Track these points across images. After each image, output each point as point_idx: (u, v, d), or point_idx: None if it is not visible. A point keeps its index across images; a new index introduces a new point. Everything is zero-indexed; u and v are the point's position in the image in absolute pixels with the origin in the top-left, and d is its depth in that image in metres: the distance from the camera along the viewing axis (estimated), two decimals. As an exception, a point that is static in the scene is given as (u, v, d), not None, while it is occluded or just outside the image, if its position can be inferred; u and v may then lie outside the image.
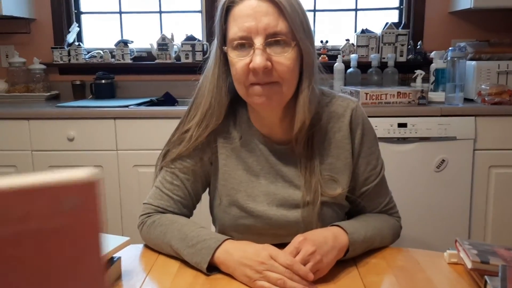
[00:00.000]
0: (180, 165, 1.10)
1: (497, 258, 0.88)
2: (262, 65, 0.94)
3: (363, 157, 1.11)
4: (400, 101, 2.27)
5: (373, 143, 1.13)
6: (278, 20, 0.95)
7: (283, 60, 0.96)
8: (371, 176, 1.12)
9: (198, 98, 1.08)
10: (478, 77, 2.40)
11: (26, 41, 2.92)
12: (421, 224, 2.28)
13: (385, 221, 1.12)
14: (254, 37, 0.95)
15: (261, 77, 0.96)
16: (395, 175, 2.22)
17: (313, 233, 0.96)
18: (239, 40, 0.96)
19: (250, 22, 0.94)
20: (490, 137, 2.23)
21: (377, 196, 1.14)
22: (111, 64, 2.87)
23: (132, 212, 2.38)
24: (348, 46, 2.82)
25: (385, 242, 1.09)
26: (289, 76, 0.97)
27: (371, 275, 0.94)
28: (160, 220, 1.06)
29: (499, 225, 2.30)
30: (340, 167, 1.08)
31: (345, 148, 1.08)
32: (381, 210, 1.15)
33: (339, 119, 1.09)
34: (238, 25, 0.96)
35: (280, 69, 0.96)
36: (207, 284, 0.90)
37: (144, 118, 2.31)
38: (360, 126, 1.09)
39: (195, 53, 2.83)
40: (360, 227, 1.03)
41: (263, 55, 0.94)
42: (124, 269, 0.95)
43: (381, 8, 2.96)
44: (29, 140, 2.34)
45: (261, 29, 0.94)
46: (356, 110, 1.10)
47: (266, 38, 0.94)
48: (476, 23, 2.81)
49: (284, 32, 0.95)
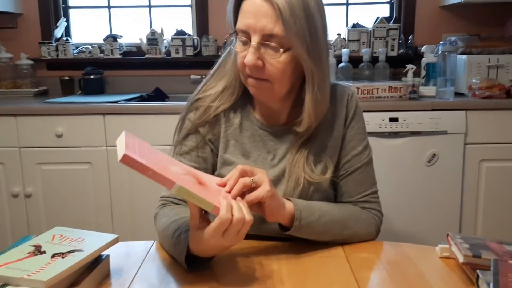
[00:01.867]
0: (188, 155, 1.13)
1: (489, 252, 0.88)
2: (251, 63, 0.99)
3: (349, 140, 1.14)
4: (391, 95, 2.27)
5: (361, 130, 1.16)
6: (275, 24, 0.97)
7: (274, 62, 1.00)
8: (353, 160, 1.14)
9: (220, 71, 1.14)
10: (468, 71, 2.41)
11: (13, 36, 2.88)
12: (412, 219, 2.29)
13: (354, 213, 1.10)
14: (252, 34, 0.99)
15: (253, 72, 1.02)
16: (387, 169, 2.23)
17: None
18: (240, 34, 1.01)
19: (250, 19, 0.98)
20: (481, 131, 2.24)
21: (356, 184, 1.14)
22: (100, 59, 2.85)
23: (122, 209, 2.36)
24: (340, 41, 2.81)
25: (353, 235, 1.07)
26: (279, 78, 1.02)
27: (363, 270, 0.94)
28: (164, 211, 1.10)
29: (490, 218, 2.31)
30: (330, 146, 1.12)
31: (338, 129, 1.13)
32: (357, 200, 1.13)
33: (336, 104, 1.14)
34: (242, 19, 1.00)
35: (270, 69, 1.00)
36: (197, 281, 0.89)
37: (134, 114, 2.29)
38: (352, 110, 1.15)
39: (186, 48, 2.81)
40: (317, 209, 1.03)
41: (255, 54, 0.99)
42: (112, 267, 0.93)
43: (372, 2, 2.95)
44: (17, 136, 2.31)
45: (258, 29, 0.98)
46: (352, 96, 1.16)
47: (261, 39, 0.98)
48: (467, 17, 2.81)
49: (279, 36, 0.97)
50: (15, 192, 2.34)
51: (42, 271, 0.76)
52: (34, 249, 0.84)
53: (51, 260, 0.80)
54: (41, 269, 0.77)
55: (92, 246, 0.86)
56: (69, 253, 0.83)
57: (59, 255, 0.82)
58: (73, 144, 2.31)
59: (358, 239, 1.08)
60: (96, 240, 0.89)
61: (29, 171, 2.34)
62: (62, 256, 0.82)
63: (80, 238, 0.89)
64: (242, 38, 1.02)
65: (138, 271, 0.93)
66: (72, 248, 0.85)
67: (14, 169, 2.34)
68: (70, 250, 0.84)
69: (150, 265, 0.97)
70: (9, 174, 2.34)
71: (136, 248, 1.06)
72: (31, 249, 0.84)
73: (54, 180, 2.34)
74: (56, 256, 0.82)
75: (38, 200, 2.36)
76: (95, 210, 2.36)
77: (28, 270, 0.76)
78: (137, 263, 0.97)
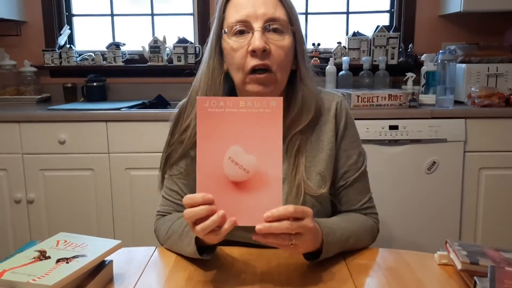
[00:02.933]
0: (177, 171, 1.13)
1: (487, 259, 0.89)
2: (262, 45, 0.97)
3: (344, 150, 1.13)
4: (391, 103, 2.28)
5: (355, 137, 1.15)
6: (276, 8, 1.00)
7: (280, 45, 1.00)
8: (351, 171, 1.13)
9: (193, 93, 1.11)
10: (468, 79, 2.42)
11: (16, 44, 2.91)
12: (411, 226, 2.29)
13: (363, 223, 1.11)
14: (253, 21, 0.99)
15: (260, 58, 0.99)
16: (387, 177, 2.24)
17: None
18: (238, 25, 1.01)
19: (249, 8, 1.00)
20: (480, 139, 2.25)
21: (357, 192, 1.14)
22: (102, 67, 2.86)
23: (124, 215, 2.37)
24: (340, 49, 2.83)
25: (360, 244, 1.08)
26: (283, 63, 1.02)
27: (361, 276, 0.94)
28: (163, 219, 1.13)
29: (489, 226, 2.31)
30: (324, 159, 1.10)
31: (330, 140, 1.11)
32: (360, 208, 1.15)
33: (325, 112, 1.12)
34: (238, 11, 1.01)
35: (276, 54, 1.00)
36: (199, 287, 0.90)
37: (136, 121, 2.30)
38: (343, 118, 1.13)
39: (187, 55, 2.83)
40: (337, 227, 1.02)
41: (262, 37, 0.98)
42: (115, 272, 0.94)
43: (373, 11, 2.97)
44: (20, 143, 2.32)
45: (260, 15, 0.99)
46: (341, 103, 1.14)
47: (265, 23, 0.99)
48: (466, 26, 2.83)
49: (282, 19, 1.00)
50: (17, 198, 2.36)
51: (48, 276, 0.78)
52: (39, 254, 0.85)
53: (56, 265, 0.81)
54: (46, 274, 0.78)
55: (95, 251, 0.88)
56: (73, 258, 0.84)
57: (64, 260, 0.83)
58: (76, 150, 2.32)
59: (363, 246, 1.09)
60: (100, 245, 0.90)
61: (32, 177, 2.35)
62: (66, 261, 0.83)
63: (84, 244, 0.91)
64: (238, 32, 1.01)
65: (141, 277, 0.94)
66: (76, 253, 0.86)
67: (16, 175, 2.35)
68: (75, 256, 0.85)
69: (152, 271, 0.98)
70: (11, 180, 2.36)
71: (139, 254, 1.06)
72: (36, 254, 0.85)
73: (57, 186, 2.35)
74: (60, 261, 0.83)
75: (40, 206, 2.37)
76: (97, 216, 2.37)
77: (33, 275, 0.77)
78: (139, 268, 0.98)
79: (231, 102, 0.82)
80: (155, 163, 2.28)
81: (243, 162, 0.82)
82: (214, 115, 0.81)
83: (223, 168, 0.82)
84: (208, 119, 0.81)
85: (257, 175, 0.82)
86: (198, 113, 0.81)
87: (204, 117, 0.81)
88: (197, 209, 0.82)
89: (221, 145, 0.82)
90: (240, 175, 0.82)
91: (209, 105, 0.81)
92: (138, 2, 3.00)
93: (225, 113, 0.81)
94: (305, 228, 0.85)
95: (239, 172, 0.82)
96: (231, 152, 0.82)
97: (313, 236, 0.90)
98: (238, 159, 0.82)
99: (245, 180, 0.82)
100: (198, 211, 0.81)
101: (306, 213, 0.86)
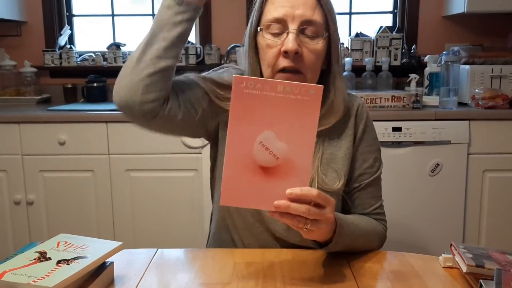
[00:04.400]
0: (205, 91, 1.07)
1: (492, 261, 0.88)
2: (295, 48, 0.98)
3: (361, 153, 1.13)
4: (394, 105, 2.27)
5: (373, 142, 1.16)
6: (314, 10, 1.00)
7: (312, 49, 1.01)
8: (366, 174, 1.14)
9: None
10: (471, 81, 2.41)
11: (17, 44, 2.90)
12: (415, 228, 2.28)
13: (374, 227, 1.12)
14: (290, 22, 0.99)
15: (292, 59, 1.00)
16: (390, 179, 2.22)
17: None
18: (274, 22, 1.01)
19: (287, 8, 0.99)
20: (484, 141, 2.24)
21: (369, 197, 1.15)
22: (103, 67, 2.86)
23: (124, 217, 2.36)
24: (342, 50, 2.82)
25: (368, 246, 1.08)
26: (314, 66, 1.02)
27: (366, 279, 0.93)
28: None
29: (493, 229, 2.30)
30: (341, 157, 1.10)
31: (348, 140, 1.12)
32: (370, 212, 1.15)
33: (346, 113, 1.12)
34: (276, 8, 1.01)
35: (308, 58, 1.01)
36: (200, 289, 0.89)
37: (137, 121, 2.29)
38: (363, 121, 1.14)
39: (189, 56, 2.82)
40: (350, 223, 1.01)
41: (296, 40, 0.99)
42: (116, 274, 0.93)
43: (375, 12, 2.96)
44: (20, 144, 2.31)
45: (297, 16, 0.99)
46: (362, 106, 1.16)
47: (301, 25, 0.99)
48: (470, 27, 2.82)
49: (318, 22, 1.00)
50: (17, 199, 2.34)
51: (48, 277, 0.77)
52: (39, 255, 0.84)
53: (56, 267, 0.80)
54: (47, 275, 0.77)
55: (96, 253, 0.86)
56: (74, 260, 0.83)
57: (64, 262, 0.82)
58: (76, 151, 2.31)
59: (370, 249, 1.09)
60: (101, 247, 0.89)
61: (32, 178, 2.34)
62: (67, 263, 0.82)
63: (85, 245, 0.89)
64: (274, 30, 1.01)
65: (142, 279, 0.93)
66: (77, 255, 0.85)
67: (16, 176, 2.34)
68: (75, 257, 0.84)
69: (153, 273, 0.97)
70: (11, 181, 2.34)
71: (139, 255, 1.05)
72: (36, 255, 0.84)
73: (56, 187, 2.34)
74: (61, 262, 0.82)
75: (40, 207, 2.36)
76: (97, 217, 2.36)
77: (34, 276, 0.76)
78: (140, 270, 0.97)
79: (268, 85, 0.79)
80: (155, 164, 2.30)
81: (274, 149, 0.80)
82: (250, 96, 0.79)
83: (252, 151, 0.80)
84: (243, 100, 0.79)
85: (286, 163, 0.80)
86: (233, 92, 0.79)
87: (239, 97, 0.79)
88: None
89: (253, 128, 0.79)
90: (269, 160, 0.80)
91: (246, 86, 0.78)
92: (139, 3, 2.99)
93: (261, 95, 0.79)
94: (324, 217, 0.84)
95: (268, 157, 0.80)
96: (263, 137, 0.80)
97: (329, 227, 0.89)
98: (269, 145, 0.80)
99: (274, 166, 0.81)
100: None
101: (328, 202, 0.85)
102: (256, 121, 0.79)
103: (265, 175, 0.81)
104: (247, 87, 0.78)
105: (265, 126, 0.79)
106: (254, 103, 0.79)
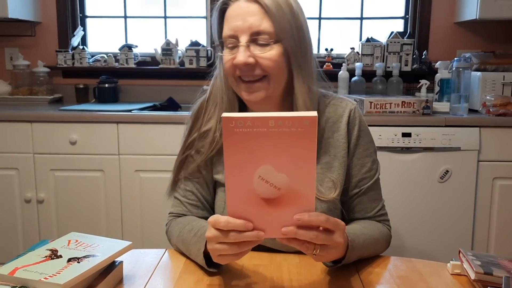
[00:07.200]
0: (194, 177, 1.16)
1: (501, 269, 0.88)
2: (242, 61, 1.01)
3: (357, 158, 1.13)
4: (404, 110, 2.26)
5: (369, 145, 1.14)
6: (262, 20, 1.01)
7: (267, 56, 1.02)
8: (365, 179, 1.13)
9: (212, 97, 1.13)
10: (483, 88, 2.40)
11: (30, 44, 2.93)
12: (424, 235, 2.27)
13: (381, 231, 1.11)
14: (240, 35, 1.01)
15: (245, 71, 1.03)
16: (399, 185, 2.22)
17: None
18: (228, 39, 1.03)
19: (237, 21, 1.02)
20: (495, 148, 2.22)
21: (371, 200, 1.14)
22: (114, 68, 2.88)
23: (133, 217, 2.37)
24: (353, 55, 2.82)
25: (378, 251, 1.09)
26: (274, 71, 1.03)
27: (373, 284, 0.93)
28: (176, 221, 1.13)
29: (502, 236, 2.29)
30: (336, 166, 1.10)
31: (342, 148, 1.11)
32: (374, 215, 1.14)
33: (337, 119, 1.12)
34: (229, 25, 1.03)
35: (264, 64, 1.02)
36: (208, 290, 0.89)
37: (147, 123, 2.31)
38: (356, 126, 1.12)
39: (199, 58, 2.84)
40: (360, 234, 1.01)
41: (246, 52, 1.01)
42: (125, 273, 0.94)
43: (387, 17, 2.96)
44: (31, 142, 2.34)
45: (246, 28, 1.01)
46: (354, 111, 1.14)
47: (250, 36, 1.01)
48: (482, 34, 2.81)
49: (268, 32, 1.01)
50: (27, 198, 2.37)
51: (59, 274, 0.78)
52: (50, 253, 0.85)
53: (67, 264, 0.81)
54: (58, 272, 0.78)
55: (106, 252, 0.87)
56: (84, 258, 0.84)
57: (75, 260, 0.83)
58: (86, 151, 2.33)
59: (379, 253, 1.09)
60: (111, 246, 0.90)
61: (42, 177, 2.36)
62: (77, 261, 0.83)
63: (95, 244, 0.91)
64: (229, 44, 1.04)
65: (150, 279, 0.94)
66: (87, 253, 0.86)
67: (27, 175, 2.36)
68: (86, 255, 0.85)
69: (161, 273, 0.98)
70: (22, 180, 2.37)
71: (148, 255, 1.06)
72: (47, 253, 0.85)
73: (67, 186, 2.36)
74: (72, 260, 0.83)
75: (50, 206, 2.38)
76: (106, 217, 2.38)
77: (45, 273, 0.78)
78: (149, 270, 0.98)
79: (259, 121, 0.75)
80: (165, 165, 2.31)
81: (274, 181, 0.78)
82: (242, 134, 0.76)
83: (253, 185, 0.78)
84: (235, 139, 0.76)
85: (289, 192, 0.78)
86: (224, 134, 0.76)
87: (231, 137, 0.76)
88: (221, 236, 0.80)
89: (250, 165, 0.77)
90: (271, 192, 0.78)
91: (235, 125, 0.75)
92: (151, 5, 3.01)
93: (253, 132, 0.75)
94: (333, 242, 0.83)
95: (270, 190, 0.78)
96: (261, 172, 0.77)
97: (339, 251, 0.88)
98: (269, 178, 0.77)
99: (277, 197, 0.79)
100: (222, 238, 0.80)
101: (338, 227, 0.84)
102: (252, 158, 0.77)
103: (269, 206, 0.79)
104: (237, 126, 0.75)
105: (262, 161, 0.77)
106: (246, 141, 0.76)
